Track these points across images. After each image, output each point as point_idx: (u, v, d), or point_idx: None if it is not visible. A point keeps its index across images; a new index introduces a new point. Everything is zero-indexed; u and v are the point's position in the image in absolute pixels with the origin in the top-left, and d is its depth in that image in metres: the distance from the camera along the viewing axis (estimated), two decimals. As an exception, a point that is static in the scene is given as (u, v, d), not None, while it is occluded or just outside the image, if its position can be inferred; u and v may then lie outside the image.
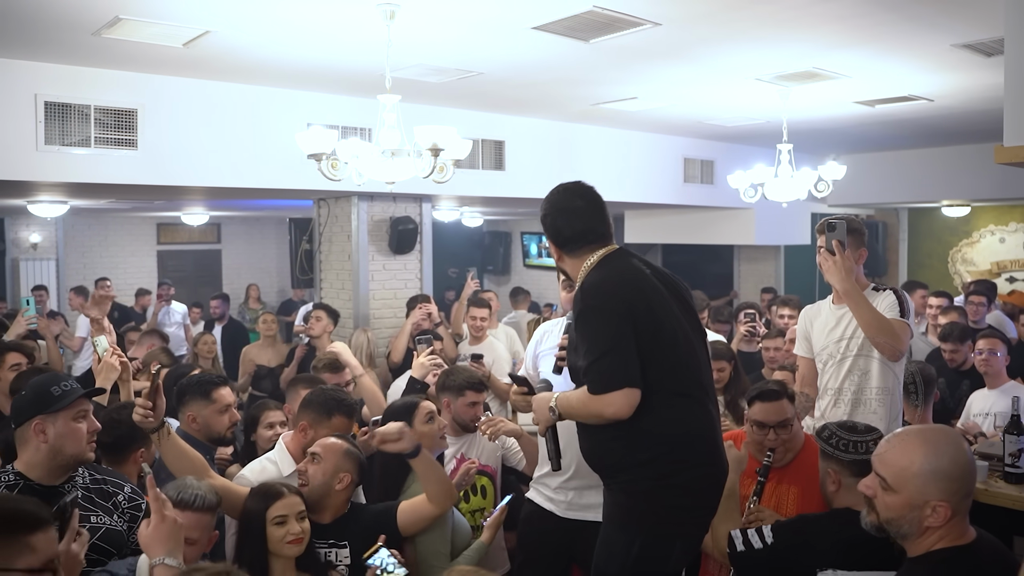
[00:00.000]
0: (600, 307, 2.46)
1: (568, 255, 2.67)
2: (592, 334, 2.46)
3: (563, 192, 2.68)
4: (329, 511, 2.93)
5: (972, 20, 4.60)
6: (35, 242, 12.04)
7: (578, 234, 2.62)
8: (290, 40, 4.91)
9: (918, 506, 2.00)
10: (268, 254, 14.46)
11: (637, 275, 2.56)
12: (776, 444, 3.09)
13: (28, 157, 5.26)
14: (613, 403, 2.38)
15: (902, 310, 3.42)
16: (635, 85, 6.26)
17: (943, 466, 2.00)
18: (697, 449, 2.48)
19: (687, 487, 2.45)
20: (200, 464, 2.84)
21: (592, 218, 2.63)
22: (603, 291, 2.50)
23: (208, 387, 3.43)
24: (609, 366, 2.40)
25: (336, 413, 3.22)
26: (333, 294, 7.63)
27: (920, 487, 2.00)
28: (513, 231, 14.94)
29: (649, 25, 4.56)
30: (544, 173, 7.84)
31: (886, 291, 3.51)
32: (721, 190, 8.97)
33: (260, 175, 6.24)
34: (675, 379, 2.48)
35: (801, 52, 5.28)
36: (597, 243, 2.63)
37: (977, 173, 9.38)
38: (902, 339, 3.36)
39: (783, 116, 6.74)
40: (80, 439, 2.58)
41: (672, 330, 2.50)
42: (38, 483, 2.52)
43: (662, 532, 2.47)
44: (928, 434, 2.11)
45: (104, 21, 4.43)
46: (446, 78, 5.84)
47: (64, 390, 2.58)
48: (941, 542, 2.01)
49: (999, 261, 11.42)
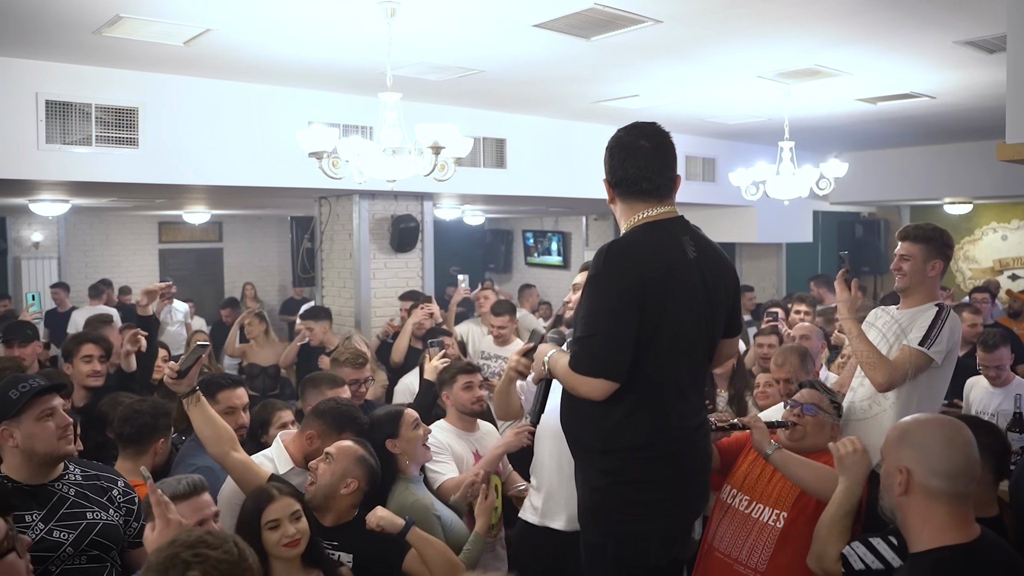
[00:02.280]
0: (611, 277, 2.33)
1: (620, 199, 2.50)
2: (595, 305, 2.34)
3: (631, 128, 2.52)
4: (332, 514, 2.91)
5: (974, 17, 4.59)
6: (37, 241, 12.03)
7: (632, 178, 2.44)
8: (291, 38, 4.90)
9: (891, 472, 2.04)
10: (270, 253, 14.45)
11: (674, 256, 2.40)
12: (800, 423, 3.13)
13: (29, 156, 5.26)
14: (587, 385, 2.33)
15: (927, 335, 3.23)
16: (636, 83, 6.25)
17: (910, 431, 2.06)
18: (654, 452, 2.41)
19: (641, 481, 2.40)
20: (228, 433, 2.84)
21: (651, 165, 2.44)
22: (623, 260, 2.36)
23: (214, 389, 3.41)
24: (597, 349, 2.31)
25: (347, 430, 3.18)
26: (335, 292, 7.63)
27: (891, 451, 2.06)
28: (515, 229, 14.93)
29: (650, 22, 4.55)
30: (545, 171, 7.84)
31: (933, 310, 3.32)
32: (723, 188, 8.96)
33: (261, 173, 6.24)
34: (660, 380, 2.41)
35: (803, 49, 5.27)
36: (653, 198, 2.45)
37: (979, 170, 9.37)
38: (888, 371, 3.22)
39: (785, 113, 6.73)
40: (49, 437, 2.52)
41: (677, 323, 2.38)
42: (25, 483, 2.50)
43: (631, 530, 2.43)
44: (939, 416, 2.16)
45: (105, 19, 4.43)
46: (447, 76, 5.84)
47: (22, 391, 2.53)
48: (940, 537, 1.98)
49: (1001, 258, 11.41)
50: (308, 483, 2.91)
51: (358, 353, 4.36)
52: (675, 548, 2.58)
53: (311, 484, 2.90)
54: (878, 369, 3.24)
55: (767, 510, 3.07)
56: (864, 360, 3.30)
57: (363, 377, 4.24)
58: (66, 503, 2.54)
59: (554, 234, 13.97)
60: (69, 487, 2.58)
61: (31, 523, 2.43)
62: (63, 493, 2.55)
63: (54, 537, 2.45)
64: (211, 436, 2.81)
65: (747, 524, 3.10)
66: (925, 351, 3.23)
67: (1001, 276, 11.22)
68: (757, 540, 3.05)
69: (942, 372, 3.35)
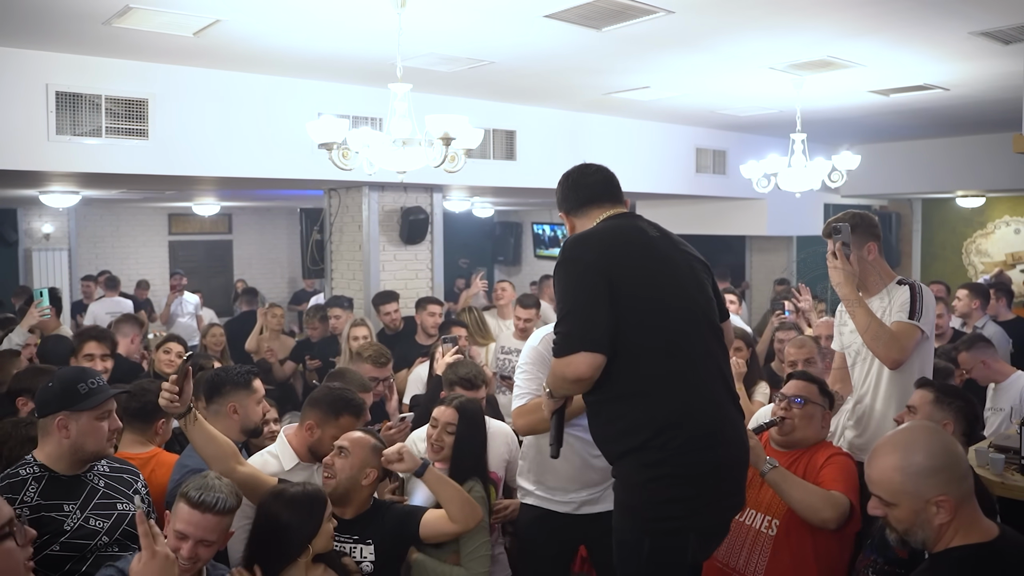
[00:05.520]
0: (574, 259, 2.39)
1: (577, 218, 2.65)
2: (561, 290, 2.40)
3: (577, 166, 2.72)
4: (353, 506, 2.90)
5: (990, 7, 4.53)
6: (47, 233, 12.08)
7: (589, 196, 2.62)
8: (300, 29, 4.89)
9: (921, 509, 1.97)
10: (279, 244, 14.48)
11: (635, 233, 2.49)
12: (788, 416, 3.13)
13: (39, 147, 5.27)
14: (572, 365, 2.30)
15: (912, 310, 3.24)
16: (647, 74, 6.22)
17: (920, 462, 1.98)
18: (686, 434, 2.34)
19: (677, 476, 2.33)
20: (230, 449, 2.81)
21: (600, 183, 2.64)
22: (583, 243, 2.45)
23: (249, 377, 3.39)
24: (572, 325, 2.32)
25: (344, 413, 3.15)
26: (344, 284, 7.63)
27: (913, 491, 1.97)
28: (524, 221, 14.91)
29: (662, 13, 4.51)
30: (555, 163, 7.72)
31: (904, 286, 3.35)
32: (734, 180, 8.91)
33: (271, 164, 6.24)
34: (668, 350, 2.36)
35: (815, 40, 5.23)
36: (607, 201, 2.61)
37: (993, 163, 9.30)
38: (899, 347, 3.19)
39: (797, 105, 6.68)
40: (101, 437, 2.61)
41: (667, 296, 2.39)
42: (62, 474, 2.57)
43: (668, 527, 2.37)
44: (897, 438, 2.08)
45: (114, 10, 4.42)
46: (457, 67, 5.82)
47: (91, 388, 2.59)
48: (958, 537, 1.97)
49: (1014, 252, 11.33)
50: (325, 477, 2.89)
51: (381, 351, 4.33)
52: (714, 544, 2.57)
53: (329, 478, 2.88)
54: (889, 344, 3.20)
55: (759, 516, 3.06)
56: (871, 336, 3.23)
57: (384, 376, 4.22)
58: (97, 494, 2.62)
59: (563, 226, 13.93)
60: (99, 479, 2.67)
61: (69, 511, 2.52)
62: (94, 484, 2.64)
63: (91, 526, 2.54)
64: (214, 455, 2.75)
65: (740, 531, 3.09)
66: (917, 324, 3.24)
67: (1013, 270, 11.14)
68: (753, 548, 3.04)
69: (929, 344, 3.38)
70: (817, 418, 3.18)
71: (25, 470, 2.55)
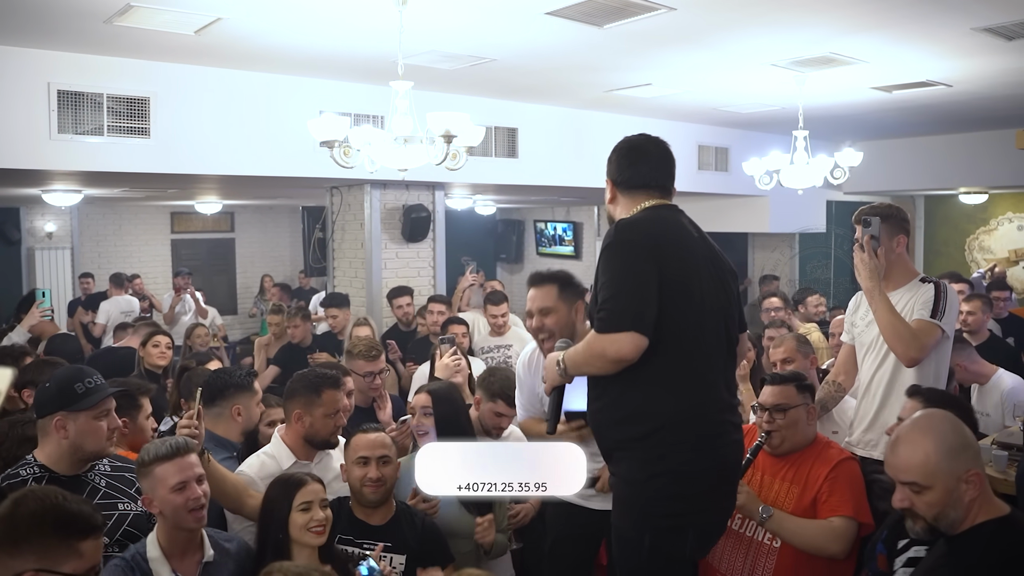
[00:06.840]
0: (628, 242, 2.37)
1: (623, 194, 2.59)
2: (613, 269, 2.36)
3: (638, 136, 2.64)
4: (381, 512, 2.88)
5: (993, 3, 4.51)
6: (50, 231, 12.08)
7: (640, 175, 2.56)
8: (302, 27, 4.88)
9: (954, 487, 2.05)
10: (281, 242, 14.47)
11: (679, 230, 2.49)
12: (772, 428, 3.11)
13: (41, 146, 5.27)
14: (616, 343, 2.27)
15: (935, 309, 3.20)
16: (649, 71, 6.20)
17: (953, 441, 2.09)
18: (694, 433, 2.38)
19: (680, 474, 2.36)
20: (240, 485, 2.84)
21: (660, 167, 2.58)
22: (637, 227, 2.43)
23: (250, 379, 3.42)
24: (623, 304, 2.29)
25: (324, 388, 3.12)
26: (346, 282, 7.64)
27: (947, 470, 2.05)
28: (526, 219, 14.89)
29: (663, 10, 4.51)
30: (558, 160, 7.81)
31: (929, 284, 3.30)
32: (736, 177, 8.89)
33: (272, 163, 6.24)
34: (692, 348, 2.38)
35: (817, 37, 5.21)
36: (656, 192, 2.56)
37: (996, 160, 9.27)
38: (918, 345, 3.14)
39: (799, 102, 6.66)
40: (100, 437, 2.59)
41: (700, 296, 2.40)
42: (62, 475, 2.55)
43: (669, 524, 2.39)
44: (920, 423, 2.17)
45: (115, 9, 4.42)
46: (459, 65, 5.81)
47: (88, 388, 2.58)
48: (982, 514, 2.06)
49: (1017, 248, 11.31)
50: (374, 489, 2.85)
51: (372, 344, 4.30)
52: (711, 541, 2.58)
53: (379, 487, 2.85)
54: (909, 342, 3.16)
55: (760, 529, 3.05)
56: (892, 333, 3.19)
57: (378, 369, 4.18)
58: (98, 494, 2.59)
59: (565, 224, 13.94)
60: (100, 478, 2.64)
61: None
62: (95, 484, 2.61)
63: None
64: (225, 494, 2.77)
65: (742, 543, 3.09)
66: (939, 323, 3.20)
67: (1016, 267, 11.12)
68: (756, 560, 3.04)
69: (947, 344, 3.35)
70: (803, 420, 3.15)
71: (25, 471, 2.54)
